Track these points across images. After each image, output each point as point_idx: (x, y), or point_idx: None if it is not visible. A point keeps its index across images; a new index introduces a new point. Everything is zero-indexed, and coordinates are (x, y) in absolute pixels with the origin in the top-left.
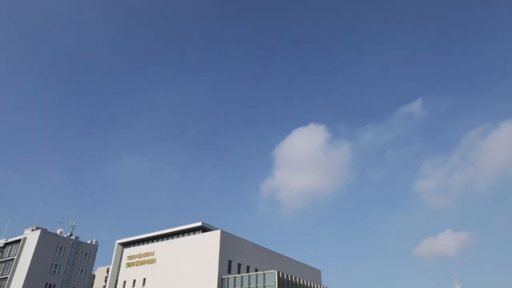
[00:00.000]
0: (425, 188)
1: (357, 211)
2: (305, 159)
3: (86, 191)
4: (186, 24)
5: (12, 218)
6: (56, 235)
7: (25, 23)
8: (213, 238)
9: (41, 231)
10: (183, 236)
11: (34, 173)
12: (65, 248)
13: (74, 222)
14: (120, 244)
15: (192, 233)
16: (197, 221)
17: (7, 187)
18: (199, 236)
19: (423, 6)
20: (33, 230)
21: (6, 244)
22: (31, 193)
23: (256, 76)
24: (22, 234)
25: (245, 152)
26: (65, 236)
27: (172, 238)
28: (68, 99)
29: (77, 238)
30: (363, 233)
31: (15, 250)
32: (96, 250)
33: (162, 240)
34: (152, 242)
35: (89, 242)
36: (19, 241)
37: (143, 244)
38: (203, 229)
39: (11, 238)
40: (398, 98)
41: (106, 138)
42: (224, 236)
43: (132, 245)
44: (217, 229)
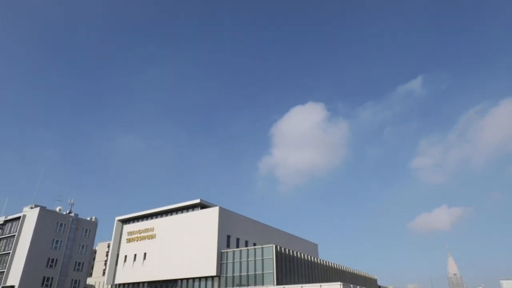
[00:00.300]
0: (421, 165)
1: (354, 187)
2: (303, 137)
3: (83, 170)
4: (179, 2)
5: (10, 196)
6: (55, 212)
7: (16, 3)
8: (211, 214)
9: (40, 208)
10: (181, 212)
11: (30, 152)
12: (65, 225)
13: (72, 200)
14: (119, 220)
15: (191, 210)
16: (195, 198)
17: (4, 166)
18: (198, 213)
19: None
20: (32, 208)
21: (6, 221)
22: (28, 172)
23: (254, 55)
24: (21, 212)
25: (243, 130)
26: (64, 213)
27: (171, 214)
28: (61, 78)
29: (76, 215)
30: (360, 209)
31: (15, 227)
32: (96, 226)
33: (161, 216)
34: (151, 218)
35: (88, 219)
36: (18, 218)
37: (142, 220)
38: (202, 206)
39: (10, 215)
40: (398, 76)
41: (100, 118)
42: (223, 212)
43: (131, 222)
44: (215, 206)
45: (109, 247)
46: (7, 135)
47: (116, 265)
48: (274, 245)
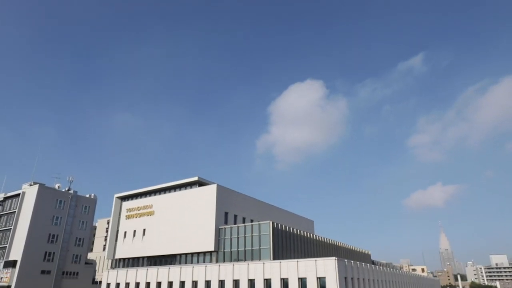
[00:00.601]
0: (419, 143)
1: (351, 164)
2: (301, 115)
3: (81, 147)
4: None
5: (9, 174)
6: (54, 189)
7: None
8: (209, 191)
9: (39, 185)
10: (179, 190)
11: (27, 129)
12: (64, 202)
13: (71, 177)
14: (118, 197)
15: (189, 187)
16: (193, 176)
17: (1, 143)
18: (196, 190)
19: None
20: (31, 185)
21: (6, 198)
22: (26, 149)
23: (252, 32)
24: (21, 189)
25: (241, 108)
26: (63, 190)
27: (169, 192)
28: (58, 55)
29: (75, 192)
30: (356, 186)
31: (15, 203)
32: (95, 203)
33: (160, 194)
34: (150, 196)
35: (87, 196)
36: (18, 195)
37: (140, 198)
38: (200, 183)
39: (9, 192)
40: (399, 53)
41: (97, 95)
42: (220, 190)
43: (130, 199)
44: (213, 183)
45: (108, 223)
46: (4, 113)
47: (116, 241)
48: (270, 222)
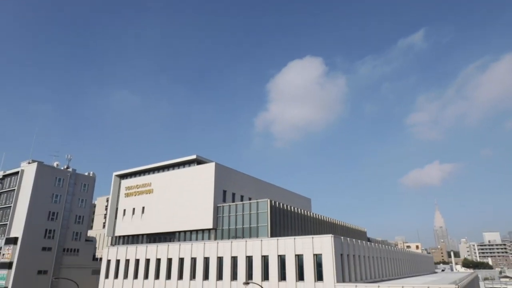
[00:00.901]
0: (417, 121)
1: (349, 143)
2: (300, 92)
3: (79, 125)
4: None
5: (7, 152)
6: (53, 167)
7: None
8: (208, 170)
9: (38, 163)
10: (178, 168)
11: (25, 107)
12: (63, 180)
13: (70, 155)
14: (117, 176)
15: (187, 165)
16: (191, 154)
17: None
18: (195, 168)
19: None
20: (29, 163)
21: (5, 176)
22: (24, 127)
23: (251, 8)
24: (19, 167)
25: (239, 85)
26: (62, 168)
27: (168, 170)
28: (55, 33)
29: (74, 170)
30: (353, 164)
31: (15, 181)
32: (94, 181)
33: (158, 172)
34: (149, 174)
35: (86, 174)
36: (17, 173)
37: (139, 176)
38: (198, 161)
39: (8, 170)
40: (400, 29)
41: (95, 72)
42: (219, 168)
43: (129, 177)
44: (211, 161)
45: (107, 201)
46: (1, 91)
47: (116, 218)
48: (268, 200)
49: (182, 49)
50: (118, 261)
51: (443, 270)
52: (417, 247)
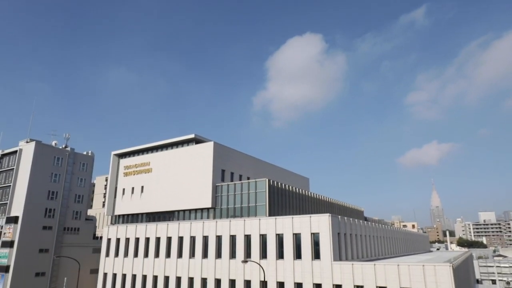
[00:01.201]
0: (416, 100)
1: (347, 122)
2: (299, 70)
3: (76, 104)
4: None
5: (4, 131)
6: (51, 146)
7: None
8: (206, 149)
9: (36, 142)
10: (176, 147)
11: (21, 85)
12: (62, 159)
13: (68, 134)
14: (115, 155)
15: (186, 144)
16: (190, 133)
17: None
18: (193, 148)
19: None
20: (27, 142)
21: (3, 155)
22: (21, 106)
23: None
24: (18, 146)
25: (237, 63)
26: (60, 147)
27: (166, 149)
28: (51, 10)
29: (72, 149)
30: (351, 144)
31: (13, 160)
32: (92, 160)
33: (157, 151)
34: (147, 153)
35: (84, 153)
36: (15, 152)
37: (138, 155)
38: (196, 141)
39: (6, 149)
40: (401, 5)
41: (90, 49)
42: (217, 147)
43: (127, 156)
44: (209, 140)
45: (107, 180)
46: None
47: (115, 197)
48: (267, 179)
49: (179, 26)
50: (118, 240)
51: (438, 249)
52: (413, 226)
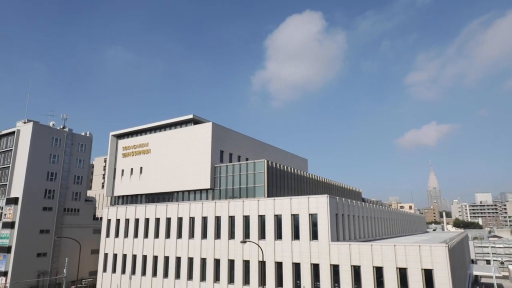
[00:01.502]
0: (416, 80)
1: (346, 102)
2: (298, 49)
3: (72, 83)
4: None
5: (1, 112)
6: (49, 127)
7: None
8: (205, 130)
9: (34, 123)
10: (175, 128)
11: (16, 64)
12: (60, 140)
13: (65, 115)
14: (114, 136)
15: (184, 125)
16: (188, 114)
17: None
18: (192, 128)
19: None
20: (25, 123)
21: (1, 136)
22: (17, 86)
23: None
24: (15, 127)
25: (236, 42)
26: (58, 128)
27: (165, 130)
28: None
29: (70, 130)
30: (351, 124)
31: (11, 141)
32: (91, 141)
33: (155, 132)
34: (145, 134)
35: (83, 134)
36: (13, 133)
37: (136, 136)
38: (195, 121)
39: (4, 130)
40: None
41: (86, 27)
42: (216, 128)
43: (125, 137)
44: (208, 121)
45: (105, 161)
46: None
47: (114, 178)
48: (265, 160)
49: (177, 4)
50: (118, 221)
51: (434, 230)
52: (410, 207)
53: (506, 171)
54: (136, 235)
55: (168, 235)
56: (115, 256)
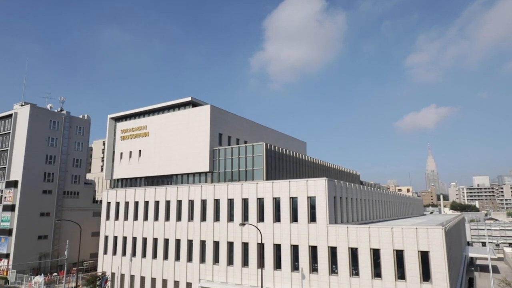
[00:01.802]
0: (416, 62)
1: (346, 85)
2: (298, 30)
3: (69, 65)
4: None
5: None
6: (46, 110)
7: None
8: (203, 112)
9: (31, 106)
10: (173, 111)
11: (11, 45)
12: (58, 123)
13: (62, 97)
14: (112, 118)
15: (183, 108)
16: (186, 96)
17: None
18: (190, 111)
19: None
20: (22, 106)
21: None
22: (13, 68)
23: None
24: (12, 110)
25: (234, 22)
26: (55, 111)
27: (163, 112)
28: None
29: (68, 113)
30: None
31: (9, 124)
32: (89, 124)
33: (153, 114)
34: (144, 116)
35: (81, 117)
36: (10, 116)
37: (134, 118)
38: (193, 104)
39: (1, 113)
40: None
41: (82, 7)
42: (214, 110)
43: (124, 120)
44: (206, 104)
45: (104, 144)
46: None
47: (113, 162)
48: (264, 143)
49: None
50: (117, 204)
51: (431, 213)
52: (408, 190)
53: (504, 154)
54: (136, 217)
55: (167, 217)
56: (115, 238)
